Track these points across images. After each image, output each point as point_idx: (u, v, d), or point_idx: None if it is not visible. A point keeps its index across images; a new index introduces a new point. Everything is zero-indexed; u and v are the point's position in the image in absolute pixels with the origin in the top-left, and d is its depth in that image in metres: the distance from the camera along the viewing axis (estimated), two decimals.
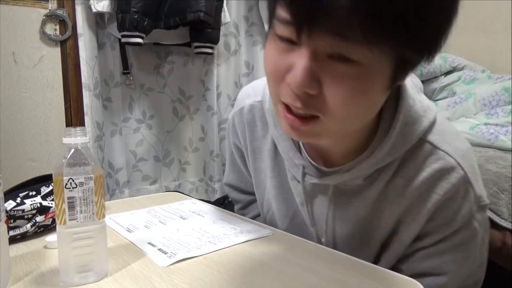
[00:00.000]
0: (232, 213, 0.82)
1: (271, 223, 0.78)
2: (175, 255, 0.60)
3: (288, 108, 0.50)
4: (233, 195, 0.94)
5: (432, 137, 0.58)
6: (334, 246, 0.68)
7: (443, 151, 0.57)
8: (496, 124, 1.45)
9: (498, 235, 1.03)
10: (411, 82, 0.60)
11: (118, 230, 0.71)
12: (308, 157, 0.66)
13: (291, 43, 0.47)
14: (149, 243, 0.65)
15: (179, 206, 0.86)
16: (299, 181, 0.66)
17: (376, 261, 0.66)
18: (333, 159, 0.63)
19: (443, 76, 1.89)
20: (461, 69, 1.87)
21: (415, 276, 0.55)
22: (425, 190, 0.58)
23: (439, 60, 1.88)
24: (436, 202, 0.58)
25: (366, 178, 0.60)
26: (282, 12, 0.45)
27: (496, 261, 1.05)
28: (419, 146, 0.58)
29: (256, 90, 0.75)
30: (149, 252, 0.61)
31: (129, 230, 0.71)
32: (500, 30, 1.93)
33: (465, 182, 0.57)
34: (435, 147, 0.58)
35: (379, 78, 0.47)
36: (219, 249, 0.63)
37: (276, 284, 0.52)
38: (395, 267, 0.65)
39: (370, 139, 0.59)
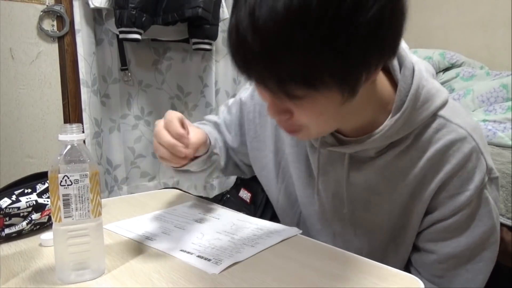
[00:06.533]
0: (243, 214, 0.81)
1: (289, 193, 0.79)
2: (221, 261, 0.57)
3: None
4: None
5: (445, 112, 0.62)
6: (353, 216, 0.70)
7: (455, 124, 0.61)
8: (494, 121, 1.45)
9: None
10: (424, 68, 0.63)
11: (137, 238, 0.67)
12: None
13: None
14: (183, 251, 0.61)
15: (185, 210, 0.82)
16: (316, 148, 0.69)
17: (395, 243, 0.68)
18: (346, 132, 0.66)
19: (441, 73, 1.88)
20: (460, 65, 1.86)
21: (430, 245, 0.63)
22: (438, 160, 0.61)
23: (438, 57, 1.88)
24: (448, 171, 0.60)
25: (378, 151, 0.64)
26: None
27: None
28: (432, 120, 0.62)
29: None
30: (189, 261, 0.58)
31: (149, 238, 0.66)
32: (499, 26, 1.93)
33: (477, 152, 0.60)
34: (448, 120, 0.61)
35: (330, 100, 0.52)
36: (259, 251, 0.61)
37: (276, 280, 0.52)
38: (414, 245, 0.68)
39: (382, 115, 0.62)
